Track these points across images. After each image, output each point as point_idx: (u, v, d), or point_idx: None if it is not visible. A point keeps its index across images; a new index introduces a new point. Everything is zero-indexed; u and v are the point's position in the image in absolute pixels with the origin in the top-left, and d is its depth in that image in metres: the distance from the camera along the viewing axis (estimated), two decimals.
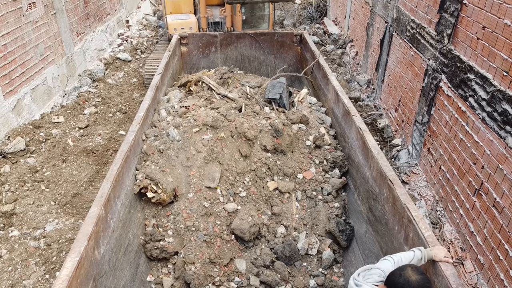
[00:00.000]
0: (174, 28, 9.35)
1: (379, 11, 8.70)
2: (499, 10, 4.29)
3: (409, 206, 3.10)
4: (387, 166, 3.61)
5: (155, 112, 5.23)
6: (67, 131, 7.20)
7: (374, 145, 3.95)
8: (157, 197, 4.08)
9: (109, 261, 3.22)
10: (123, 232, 3.61)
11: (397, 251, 3.21)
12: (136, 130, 4.24)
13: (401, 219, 3.20)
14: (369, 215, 3.96)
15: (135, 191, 4.05)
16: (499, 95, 4.17)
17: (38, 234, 4.98)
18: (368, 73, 9.53)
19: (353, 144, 4.55)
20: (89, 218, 3.01)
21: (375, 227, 3.78)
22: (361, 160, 4.24)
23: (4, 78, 6.68)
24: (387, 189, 3.49)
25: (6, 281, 4.37)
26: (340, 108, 5.12)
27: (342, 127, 5.00)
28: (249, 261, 4.02)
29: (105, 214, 3.21)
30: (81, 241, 2.79)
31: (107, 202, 3.24)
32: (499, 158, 4.17)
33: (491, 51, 4.41)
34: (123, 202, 3.70)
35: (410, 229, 3.03)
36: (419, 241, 2.87)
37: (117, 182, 3.55)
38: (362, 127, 4.28)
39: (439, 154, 5.57)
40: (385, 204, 3.55)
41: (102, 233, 3.14)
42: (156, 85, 5.31)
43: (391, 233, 3.41)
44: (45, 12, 8.05)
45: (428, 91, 5.92)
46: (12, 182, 5.72)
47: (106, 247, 3.18)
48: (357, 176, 4.41)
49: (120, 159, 3.71)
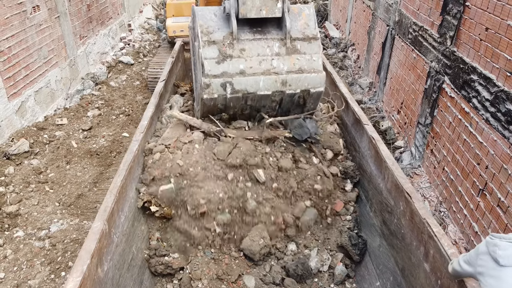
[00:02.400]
0: (174, 31, 9.40)
1: (381, 14, 8.76)
2: (502, 11, 4.33)
3: (429, 221, 2.95)
4: (403, 178, 3.46)
5: (158, 120, 5.06)
6: (71, 133, 7.22)
7: (389, 156, 3.79)
8: (161, 211, 3.93)
9: (113, 278, 3.07)
10: (127, 247, 3.47)
11: (415, 268, 3.11)
12: (140, 139, 4.07)
13: (420, 234, 3.05)
14: (383, 228, 3.80)
15: (138, 205, 3.86)
16: (503, 96, 4.20)
17: (43, 234, 4.99)
18: (370, 76, 9.58)
19: (364, 154, 4.37)
20: (92, 233, 2.85)
21: (390, 241, 3.62)
22: (373, 171, 4.08)
23: (8, 81, 6.72)
24: (403, 202, 3.34)
25: (12, 281, 4.37)
26: (350, 116, 4.91)
27: (352, 136, 4.80)
28: (258, 278, 3.81)
29: (109, 229, 3.05)
30: (84, 259, 2.63)
31: (110, 216, 3.08)
32: (503, 158, 4.20)
33: (494, 52, 4.45)
34: (126, 215, 3.53)
35: (431, 245, 2.89)
36: (441, 258, 2.73)
37: (121, 195, 3.41)
38: (374, 136, 4.10)
39: (442, 155, 5.60)
40: (401, 217, 3.39)
41: (106, 249, 2.99)
42: (160, 92, 5.17)
43: (408, 248, 3.25)
44: (49, 15, 8.11)
45: (431, 93, 5.96)
46: (16, 183, 5.74)
47: (109, 263, 3.03)
48: (369, 187, 4.24)
49: (124, 170, 3.55)
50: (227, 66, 3.85)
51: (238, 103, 4.07)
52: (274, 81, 3.93)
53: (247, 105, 4.13)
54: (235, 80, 3.85)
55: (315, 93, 4.13)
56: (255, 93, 3.95)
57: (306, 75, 4.00)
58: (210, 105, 4.05)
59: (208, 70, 3.81)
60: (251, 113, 4.32)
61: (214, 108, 4.11)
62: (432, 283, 2.84)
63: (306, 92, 4.09)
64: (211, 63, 3.83)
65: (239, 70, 3.87)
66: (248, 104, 4.11)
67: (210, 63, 3.83)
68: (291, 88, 4.01)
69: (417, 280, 3.09)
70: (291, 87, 4.01)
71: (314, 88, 4.09)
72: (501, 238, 1.94)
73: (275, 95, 4.03)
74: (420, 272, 3.03)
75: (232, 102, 4.02)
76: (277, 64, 3.96)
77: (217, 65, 3.84)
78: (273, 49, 3.96)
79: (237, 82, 3.86)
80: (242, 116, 4.36)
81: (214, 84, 3.83)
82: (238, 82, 3.86)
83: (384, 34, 8.46)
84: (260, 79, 3.88)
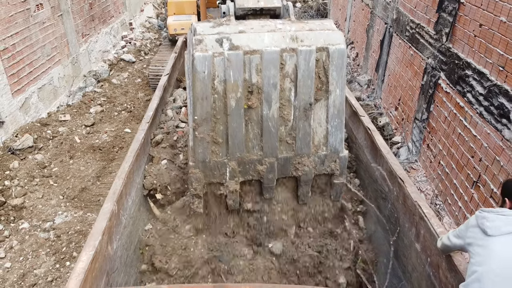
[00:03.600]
0: (174, 29, 9.53)
1: (379, 12, 8.87)
2: (495, 7, 4.45)
3: (421, 204, 3.06)
4: (397, 165, 3.59)
5: (162, 113, 5.27)
6: (74, 129, 7.34)
7: (384, 145, 3.93)
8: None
9: (121, 257, 3.22)
10: (134, 229, 3.61)
11: (407, 249, 3.26)
12: (146, 128, 4.27)
13: (412, 216, 3.18)
14: (377, 214, 3.95)
15: (144, 193, 4.00)
16: (496, 90, 4.32)
17: (48, 226, 5.11)
18: (368, 73, 9.69)
19: (361, 145, 4.50)
20: (102, 213, 3.00)
21: (384, 226, 3.76)
22: (369, 160, 4.20)
23: (12, 77, 6.84)
24: (397, 187, 3.48)
25: (18, 270, 4.50)
26: (347, 109, 4.98)
27: (349, 128, 4.94)
28: None
29: (118, 210, 3.21)
30: (96, 235, 2.79)
31: (119, 198, 3.24)
32: (496, 150, 4.31)
33: (488, 48, 4.57)
34: (133, 199, 3.70)
35: (422, 226, 3.01)
36: (431, 237, 2.86)
37: (128, 180, 3.55)
38: (370, 127, 4.23)
39: (438, 149, 5.72)
40: (395, 202, 3.54)
41: (115, 229, 3.13)
42: (164, 86, 5.38)
43: (401, 230, 3.39)
44: (52, 13, 8.23)
45: (427, 89, 6.08)
46: (21, 177, 5.86)
47: (118, 243, 3.16)
48: (365, 176, 4.38)
49: (131, 157, 3.72)
50: (224, 28, 3.19)
51: (240, 75, 3.11)
52: (281, 37, 3.16)
53: (253, 85, 3.15)
54: (233, 36, 3.13)
55: (337, 53, 3.18)
56: (260, 51, 3.09)
57: (320, 31, 3.23)
58: (205, 78, 3.07)
59: (201, 31, 3.14)
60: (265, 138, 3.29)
61: (212, 95, 3.13)
62: (423, 261, 3.00)
63: (325, 54, 3.18)
64: (204, 26, 3.21)
65: (238, 31, 3.18)
66: (254, 83, 3.14)
67: (203, 26, 3.22)
68: (303, 44, 3.15)
69: (408, 260, 3.25)
70: (303, 42, 3.15)
71: (333, 45, 3.18)
72: (490, 211, 2.13)
73: (286, 59, 3.13)
74: (412, 252, 3.19)
75: (233, 70, 3.09)
76: (283, 26, 3.24)
77: (211, 28, 3.18)
78: (276, 22, 3.33)
79: (236, 37, 3.11)
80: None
81: (208, 39, 3.08)
82: (238, 37, 3.12)
83: (382, 32, 8.58)
84: (264, 35, 3.15)
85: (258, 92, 3.18)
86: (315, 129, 3.36)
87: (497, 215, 2.08)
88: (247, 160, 3.34)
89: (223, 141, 3.26)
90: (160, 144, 4.46)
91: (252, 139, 3.30)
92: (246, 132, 3.27)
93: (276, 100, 3.20)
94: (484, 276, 1.99)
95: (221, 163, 3.32)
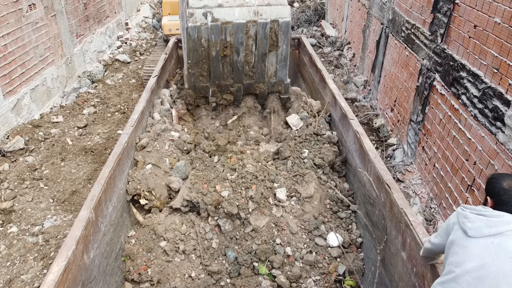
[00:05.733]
0: (169, 29, 9.44)
1: (375, 13, 8.80)
2: (490, 8, 4.37)
3: (407, 211, 3.01)
4: (384, 170, 3.55)
5: (150, 116, 5.16)
6: (66, 131, 7.27)
7: (371, 149, 3.89)
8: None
9: (99, 266, 3.13)
10: (115, 236, 3.52)
11: (394, 257, 3.19)
12: (129, 132, 4.15)
13: (399, 224, 3.11)
14: (366, 220, 3.90)
15: (127, 198, 3.94)
16: (490, 92, 4.24)
17: (37, 230, 5.04)
18: (364, 74, 9.62)
19: (350, 148, 4.47)
20: (78, 221, 2.92)
21: (371, 233, 3.71)
22: (358, 164, 4.17)
23: (4, 78, 6.76)
24: (384, 193, 3.42)
25: (5, 275, 4.42)
26: (337, 112, 5.06)
27: (339, 131, 4.93)
28: None
29: (95, 218, 3.12)
30: (69, 245, 2.70)
31: (97, 205, 3.16)
32: (490, 154, 4.24)
33: (482, 49, 4.49)
34: (115, 205, 3.60)
35: (408, 234, 2.95)
36: (416, 246, 2.79)
37: (109, 185, 3.47)
38: (359, 130, 4.20)
39: (433, 152, 5.64)
40: (382, 208, 3.48)
41: (92, 237, 3.05)
42: (152, 88, 5.24)
43: (388, 238, 3.33)
44: (45, 13, 8.15)
45: (423, 90, 6.00)
46: (11, 180, 5.79)
47: (96, 251, 3.08)
48: (354, 181, 4.33)
49: (112, 161, 3.63)
50: (208, 1, 4.87)
51: (218, 37, 4.91)
52: (247, 11, 4.89)
53: (227, 42, 4.97)
54: (214, 10, 4.83)
55: (284, 24, 5.01)
56: (232, 22, 4.85)
57: (274, 7, 4.98)
58: (195, 39, 4.88)
59: (192, 3, 4.84)
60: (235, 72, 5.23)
61: (200, 48, 4.95)
62: (408, 270, 2.92)
63: (276, 24, 4.98)
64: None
65: (218, 4, 4.87)
66: (228, 41, 4.96)
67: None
68: (262, 17, 4.94)
69: (395, 269, 3.17)
70: (262, 16, 4.94)
71: (282, 18, 5.00)
72: (471, 210, 2.07)
73: (249, 27, 4.93)
74: (398, 260, 3.11)
75: (214, 34, 4.90)
76: (250, 1, 4.98)
77: (199, 1, 4.86)
78: None
79: (216, 12, 4.83)
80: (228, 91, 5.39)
81: (197, 13, 4.80)
82: (217, 11, 4.83)
83: (378, 33, 8.50)
84: (235, 10, 4.84)
85: (230, 46, 5.03)
86: (268, 67, 5.32)
87: (478, 215, 2.02)
88: (223, 85, 5.36)
89: (207, 74, 5.23)
90: (145, 148, 4.35)
91: (226, 73, 5.26)
92: (223, 69, 5.21)
93: (243, 51, 5.09)
94: (460, 277, 1.95)
95: (206, 87, 5.36)
